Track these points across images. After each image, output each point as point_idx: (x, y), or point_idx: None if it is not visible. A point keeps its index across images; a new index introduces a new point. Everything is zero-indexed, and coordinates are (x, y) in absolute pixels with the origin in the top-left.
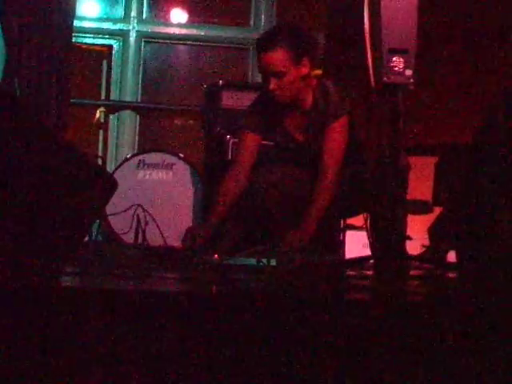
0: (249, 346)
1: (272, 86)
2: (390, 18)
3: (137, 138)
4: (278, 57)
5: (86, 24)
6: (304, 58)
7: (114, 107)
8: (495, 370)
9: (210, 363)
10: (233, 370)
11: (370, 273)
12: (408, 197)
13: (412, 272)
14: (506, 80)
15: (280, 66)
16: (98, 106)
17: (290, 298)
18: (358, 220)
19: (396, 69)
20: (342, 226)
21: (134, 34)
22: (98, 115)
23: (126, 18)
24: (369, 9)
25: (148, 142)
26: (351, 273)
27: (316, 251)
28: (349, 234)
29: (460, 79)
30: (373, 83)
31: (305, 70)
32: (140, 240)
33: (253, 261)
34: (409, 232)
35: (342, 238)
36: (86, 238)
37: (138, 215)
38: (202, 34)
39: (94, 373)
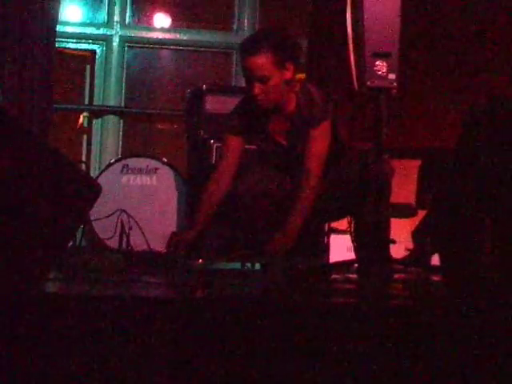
0: (234, 351)
1: (256, 91)
2: (372, 22)
3: (120, 142)
4: (263, 61)
5: (69, 29)
6: (288, 62)
7: (98, 112)
8: (480, 372)
9: (195, 367)
10: (218, 374)
11: (354, 276)
12: (392, 200)
13: (396, 275)
14: (489, 84)
15: (264, 70)
16: (82, 111)
17: (274, 301)
18: (342, 224)
19: (379, 73)
20: (326, 229)
21: (117, 39)
22: (81, 120)
23: (109, 22)
24: (352, 13)
25: (132, 147)
26: (336, 276)
27: (300, 255)
28: (333, 237)
29: (443, 82)
30: (356, 87)
31: (288, 75)
32: (124, 245)
33: (237, 265)
34: (393, 235)
35: (326, 241)
36: (70, 244)
37: (121, 220)
38: (185, 38)
39: (79, 378)
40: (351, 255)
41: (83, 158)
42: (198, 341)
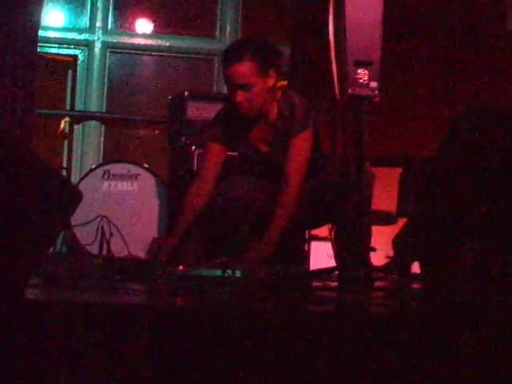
0: (214, 358)
1: (239, 98)
2: (354, 30)
3: (102, 148)
4: (246, 69)
5: (51, 34)
6: (270, 70)
7: (79, 117)
8: (460, 380)
9: (176, 376)
10: (199, 380)
11: (334, 284)
12: (372, 208)
13: (376, 283)
14: (470, 92)
15: (247, 78)
16: (63, 117)
17: (254, 309)
18: (322, 231)
19: (361, 81)
20: (306, 236)
21: (99, 45)
22: (62, 125)
23: (91, 28)
24: (334, 21)
25: (113, 153)
26: (316, 284)
27: (281, 262)
28: (314, 244)
29: (425, 91)
30: (338, 95)
31: (271, 82)
32: (105, 251)
33: (218, 272)
34: (373, 243)
35: (306, 248)
36: (51, 250)
37: (102, 226)
38: (168, 44)
39: None
40: (332, 262)
41: (64, 164)
42: (179, 348)
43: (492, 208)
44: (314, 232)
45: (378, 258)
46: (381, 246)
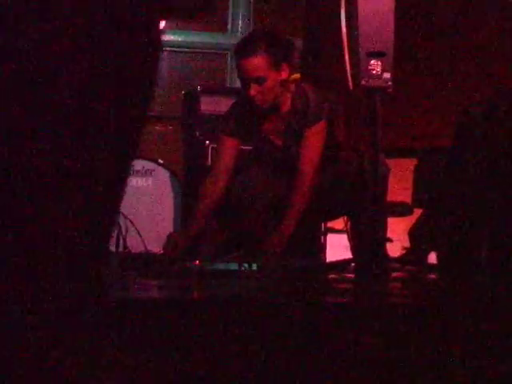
0: (231, 351)
1: (253, 92)
2: (367, 21)
3: None
4: (259, 63)
5: None
6: (283, 63)
7: None
8: (477, 371)
9: (192, 370)
10: (215, 374)
11: (351, 276)
12: (388, 199)
13: (393, 274)
14: (484, 83)
15: (260, 71)
16: None
17: (271, 302)
18: (338, 223)
19: (374, 72)
20: (322, 229)
21: None
22: None
23: None
24: (346, 12)
25: None
26: (332, 276)
27: (297, 255)
28: (329, 236)
29: (439, 81)
30: (351, 87)
31: (284, 75)
32: (121, 247)
33: (234, 266)
34: (389, 234)
35: (322, 241)
36: None
37: (118, 222)
38: (180, 39)
39: (70, 379)
40: (348, 254)
41: None
42: (196, 343)
43: (506, 196)
44: (330, 224)
45: (394, 249)
46: (397, 237)
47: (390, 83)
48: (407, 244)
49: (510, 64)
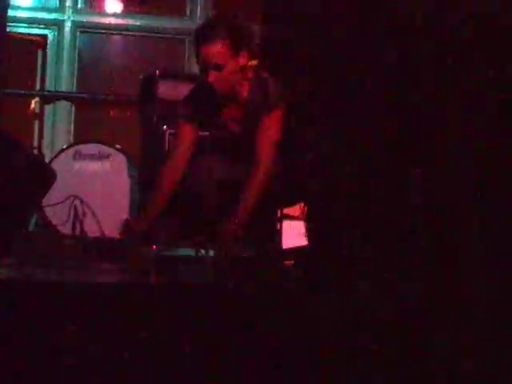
0: (187, 336)
1: (211, 78)
2: None
3: (72, 128)
4: (218, 49)
5: (21, 14)
6: (242, 49)
7: (50, 97)
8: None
9: (149, 354)
10: (172, 360)
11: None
12: None
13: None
14: None
15: (220, 58)
16: (33, 97)
17: (226, 288)
18: (295, 210)
19: None
20: (278, 215)
21: (69, 24)
22: (33, 105)
23: (61, 7)
24: None
25: (84, 133)
26: (288, 263)
27: (253, 241)
28: (286, 223)
29: None
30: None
31: (243, 62)
32: (78, 231)
33: (191, 252)
34: None
35: (278, 227)
36: (23, 230)
37: (75, 206)
38: (138, 24)
39: (31, 365)
40: (304, 241)
41: (35, 144)
42: (152, 326)
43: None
44: (286, 211)
45: None
46: None
47: None
48: None
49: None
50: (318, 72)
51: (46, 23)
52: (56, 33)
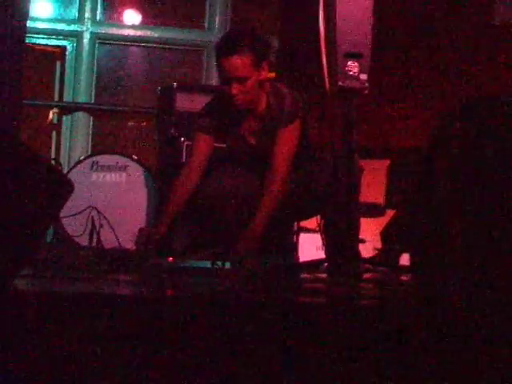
0: (202, 349)
1: (235, 91)
2: (345, 22)
3: (90, 139)
4: (243, 62)
5: (40, 25)
6: (264, 62)
7: (68, 108)
8: (449, 372)
9: (164, 366)
10: (186, 373)
11: (323, 276)
12: (361, 200)
13: (365, 275)
14: (460, 85)
15: (244, 70)
16: (51, 107)
17: (243, 301)
18: (311, 223)
19: (351, 73)
20: (295, 228)
21: (88, 36)
22: (51, 116)
23: (79, 19)
24: (324, 12)
25: (101, 144)
26: (305, 276)
27: (269, 254)
28: (302, 236)
29: (414, 83)
30: (327, 87)
31: (264, 74)
32: (94, 242)
33: (207, 263)
34: (362, 235)
35: (295, 240)
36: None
37: (92, 217)
38: (156, 35)
39: (50, 375)
40: (320, 254)
41: (52, 155)
42: (167, 339)
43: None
44: (303, 224)
45: (366, 250)
46: (369, 238)
47: (366, 84)
48: (379, 245)
49: (486, 66)
50: None
51: (65, 34)
52: (74, 44)
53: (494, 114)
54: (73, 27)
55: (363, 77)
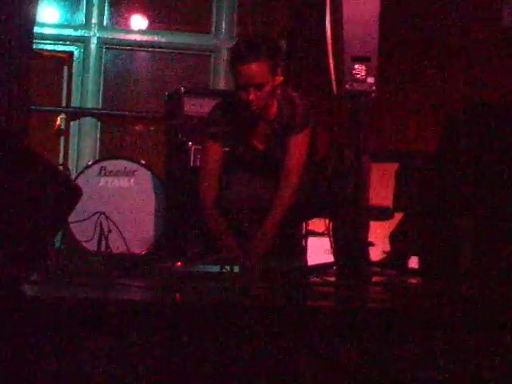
0: (212, 353)
1: (252, 97)
2: (352, 25)
3: (98, 144)
4: (262, 69)
5: (47, 30)
6: (278, 68)
7: (75, 114)
8: (455, 374)
9: (174, 371)
10: (196, 376)
11: (332, 279)
12: (369, 203)
13: (374, 278)
14: (466, 89)
15: (263, 77)
16: (59, 113)
17: (252, 304)
18: (319, 226)
19: (358, 76)
20: (303, 232)
21: (95, 41)
22: (58, 122)
23: (86, 24)
24: (331, 16)
25: (109, 149)
26: (314, 279)
27: (278, 258)
28: (311, 240)
29: (421, 86)
30: (335, 90)
31: (278, 80)
32: (103, 248)
33: (216, 268)
34: (370, 238)
35: (304, 244)
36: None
37: (100, 223)
38: (163, 40)
39: (58, 380)
40: (329, 258)
41: (60, 161)
42: (177, 343)
43: (491, 201)
44: (311, 227)
45: (375, 253)
46: (378, 241)
47: (374, 88)
48: (388, 248)
49: (498, 70)
50: None
51: (72, 40)
52: (82, 49)
53: (502, 117)
54: (80, 33)
55: (370, 80)
